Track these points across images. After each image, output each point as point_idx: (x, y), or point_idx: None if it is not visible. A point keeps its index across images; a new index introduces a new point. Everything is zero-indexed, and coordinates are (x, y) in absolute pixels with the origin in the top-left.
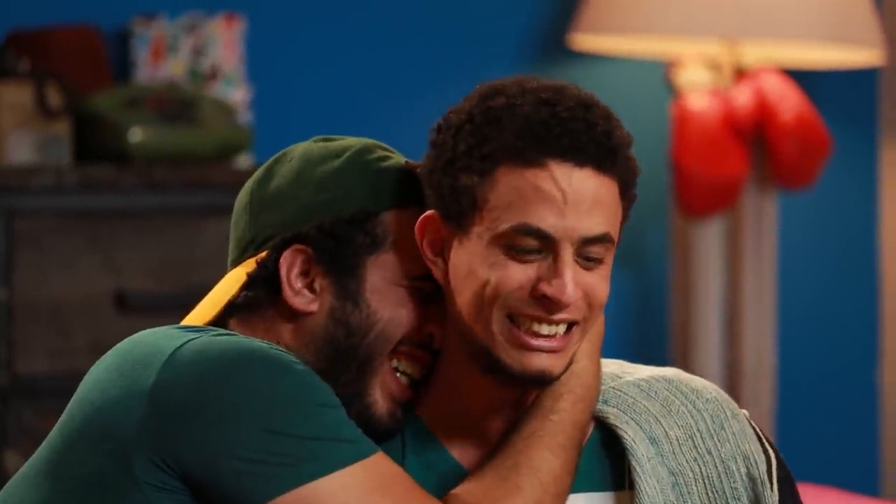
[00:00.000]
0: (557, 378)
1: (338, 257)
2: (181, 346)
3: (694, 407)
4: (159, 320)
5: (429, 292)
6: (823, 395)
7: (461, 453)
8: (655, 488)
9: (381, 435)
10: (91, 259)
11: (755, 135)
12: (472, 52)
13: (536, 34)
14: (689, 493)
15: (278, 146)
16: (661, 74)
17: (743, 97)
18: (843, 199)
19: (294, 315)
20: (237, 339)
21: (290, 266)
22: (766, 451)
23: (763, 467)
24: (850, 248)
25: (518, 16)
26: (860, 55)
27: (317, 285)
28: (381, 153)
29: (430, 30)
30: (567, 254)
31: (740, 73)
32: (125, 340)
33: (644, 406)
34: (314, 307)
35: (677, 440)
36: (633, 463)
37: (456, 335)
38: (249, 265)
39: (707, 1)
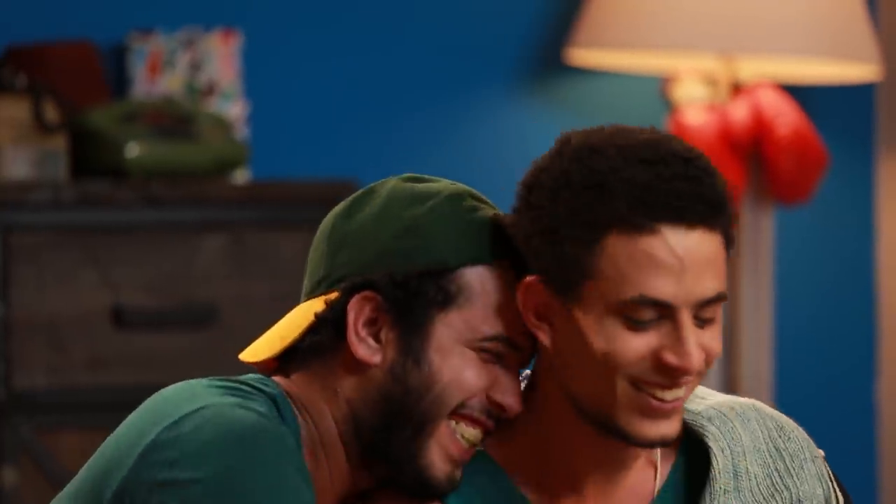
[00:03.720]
0: (667, 440)
1: (406, 310)
2: (193, 412)
3: (776, 445)
4: (156, 336)
5: (501, 354)
6: (821, 410)
7: (540, 499)
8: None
9: (437, 496)
10: (88, 274)
11: (752, 150)
12: (469, 66)
13: (533, 48)
14: None
15: (275, 161)
16: (657, 89)
17: (739, 112)
18: (840, 215)
19: (357, 365)
20: (250, 420)
21: (358, 313)
22: (838, 497)
23: None
24: (847, 264)
25: (515, 30)
26: (857, 70)
27: (383, 336)
28: (469, 203)
29: (428, 44)
30: (687, 319)
31: (737, 88)
32: (158, 392)
33: (739, 434)
34: (377, 359)
35: (756, 478)
36: (709, 494)
37: (562, 395)
38: (319, 304)
39: (703, 16)
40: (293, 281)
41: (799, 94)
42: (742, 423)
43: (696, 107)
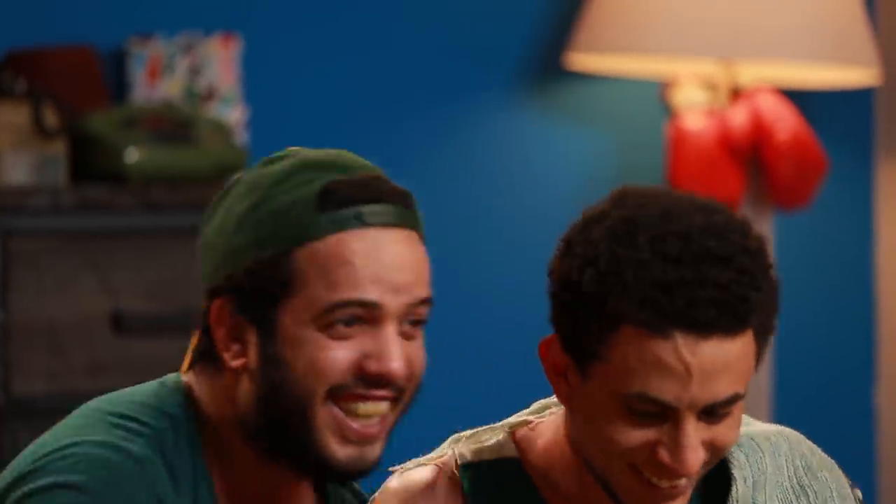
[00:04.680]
0: None
1: (254, 309)
2: (66, 445)
3: (801, 483)
4: (156, 341)
5: (358, 318)
6: (820, 414)
7: None
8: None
9: (346, 478)
10: (88, 279)
11: (751, 155)
12: (469, 69)
13: (533, 53)
14: None
15: None
16: (657, 94)
17: (739, 117)
18: (840, 219)
19: (233, 370)
20: (103, 456)
21: (218, 321)
22: None
23: None
24: (846, 268)
25: (514, 34)
26: (856, 75)
27: (246, 338)
28: (304, 177)
29: (428, 48)
30: (688, 422)
31: (736, 93)
32: (71, 414)
33: (766, 466)
34: (243, 362)
35: None
36: None
37: (580, 440)
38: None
39: (703, 21)
40: None
41: (798, 98)
42: (772, 456)
43: (695, 111)
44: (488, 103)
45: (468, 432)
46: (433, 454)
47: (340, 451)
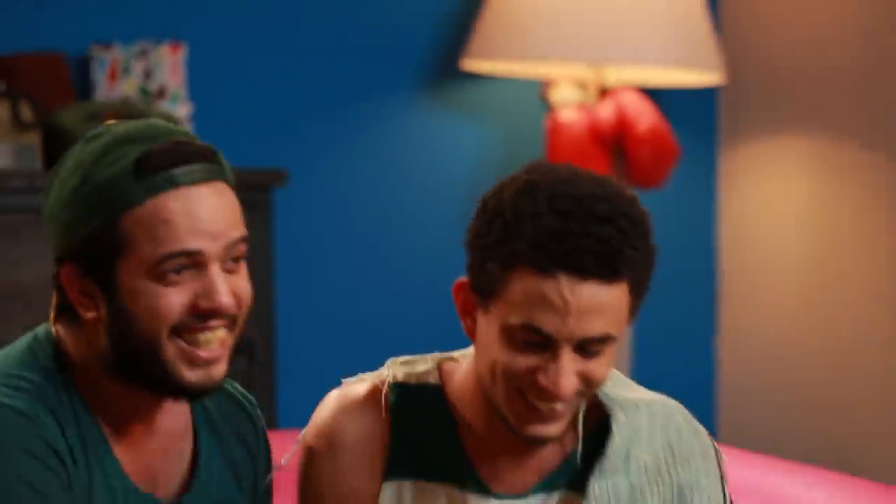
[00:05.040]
0: (555, 439)
1: (95, 270)
2: None
3: (669, 442)
4: None
5: (186, 266)
6: (670, 360)
7: (474, 451)
8: (608, 493)
9: (200, 396)
10: None
11: (615, 143)
12: (378, 71)
13: (433, 58)
14: (644, 501)
15: None
16: (537, 93)
17: (605, 112)
18: (689, 198)
19: (89, 322)
20: None
21: (69, 283)
22: (724, 493)
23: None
24: (694, 238)
25: (417, 41)
26: (703, 77)
27: (94, 295)
28: (120, 151)
29: (343, 53)
30: (565, 352)
31: (603, 92)
32: None
33: (641, 426)
34: (93, 315)
35: (645, 464)
36: (599, 467)
37: (480, 370)
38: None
39: (575, 31)
40: None
41: (655, 96)
42: (649, 418)
43: (569, 107)
44: (394, 101)
45: (404, 357)
46: (374, 373)
47: (191, 375)
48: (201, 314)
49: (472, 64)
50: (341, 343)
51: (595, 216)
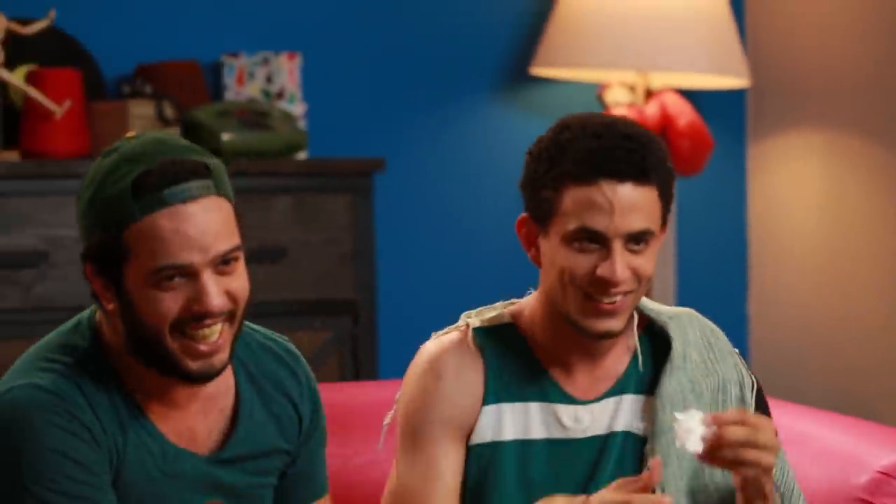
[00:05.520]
0: (618, 334)
1: (108, 272)
2: (2, 394)
3: (708, 341)
4: (248, 266)
5: (180, 275)
6: (710, 317)
7: (549, 363)
8: (676, 388)
9: (204, 382)
10: None
11: (660, 136)
12: (462, 76)
13: (508, 65)
14: (701, 395)
15: (325, 145)
16: (594, 94)
17: (651, 110)
18: (722, 183)
19: (112, 313)
20: (30, 395)
21: (92, 279)
22: (751, 377)
23: (748, 389)
24: (727, 217)
25: (494, 51)
26: (732, 80)
27: (109, 290)
28: (122, 171)
29: (432, 61)
30: (616, 246)
31: (649, 94)
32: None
33: (686, 330)
34: (112, 307)
35: (695, 362)
36: (668, 368)
37: (550, 292)
38: None
39: (626, 43)
40: (338, 230)
41: (692, 97)
42: (690, 326)
43: (621, 106)
44: (475, 100)
45: (475, 310)
46: (453, 326)
47: (193, 365)
48: (195, 316)
49: (539, 70)
50: (432, 304)
51: (622, 133)
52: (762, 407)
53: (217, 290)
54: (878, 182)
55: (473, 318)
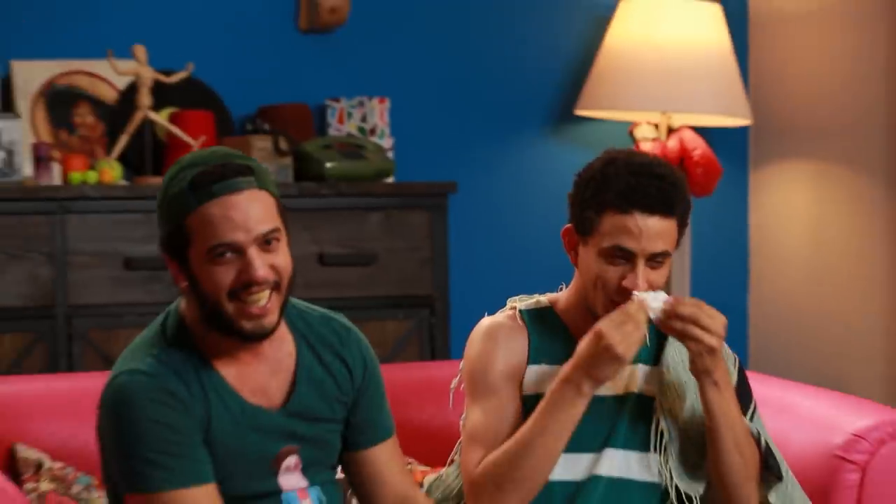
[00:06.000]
0: None
1: (177, 255)
2: (111, 380)
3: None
4: (343, 269)
5: (231, 251)
6: (724, 312)
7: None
8: (675, 357)
9: (258, 340)
10: (304, 235)
11: (679, 165)
12: (519, 116)
13: (557, 106)
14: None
15: (409, 172)
16: (626, 131)
17: (672, 143)
18: (728, 203)
19: (185, 290)
20: (130, 379)
21: (169, 263)
22: (732, 353)
23: (730, 361)
24: (732, 231)
25: (546, 95)
26: (737, 120)
27: (181, 271)
28: (182, 175)
29: (494, 103)
30: (640, 263)
31: (671, 130)
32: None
33: None
34: (184, 285)
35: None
36: (669, 342)
37: (582, 290)
38: None
39: (652, 90)
40: (419, 239)
41: (705, 133)
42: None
43: (647, 140)
44: (530, 134)
45: (518, 297)
46: (502, 310)
47: (247, 325)
48: (246, 283)
49: (582, 111)
50: (493, 298)
51: (656, 174)
52: (742, 377)
53: (261, 263)
54: (857, 204)
55: (518, 302)
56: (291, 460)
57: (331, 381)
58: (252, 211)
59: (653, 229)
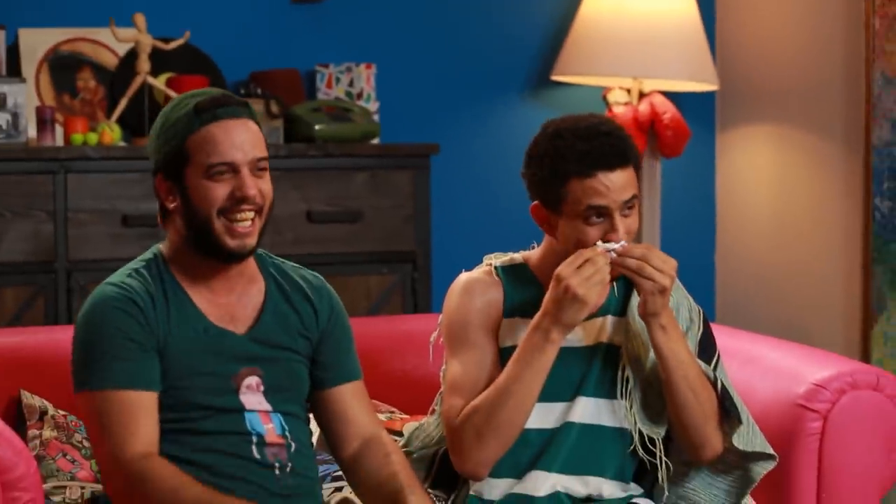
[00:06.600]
0: (613, 277)
1: (174, 175)
2: (99, 285)
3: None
4: (329, 226)
5: (227, 171)
6: (684, 270)
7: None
8: (632, 313)
9: (240, 259)
10: (294, 194)
11: (649, 128)
12: (497, 81)
13: (534, 72)
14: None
15: (393, 134)
16: (600, 96)
17: (643, 107)
18: (697, 164)
19: (174, 212)
20: (104, 289)
21: (160, 184)
22: (696, 305)
23: (695, 312)
24: (700, 191)
25: (523, 61)
26: (705, 85)
27: (174, 191)
28: (185, 101)
29: (474, 69)
30: (616, 215)
31: (642, 95)
32: None
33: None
34: (175, 204)
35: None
36: (634, 293)
37: (560, 252)
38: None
39: (625, 56)
40: (402, 198)
41: (675, 98)
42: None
43: (620, 105)
44: (508, 99)
45: (494, 254)
46: (478, 266)
47: (232, 243)
48: (237, 200)
49: (558, 76)
50: (473, 255)
51: (603, 132)
52: (707, 329)
53: (252, 184)
54: (815, 164)
55: (494, 259)
56: (252, 380)
57: (295, 317)
58: (249, 137)
59: (617, 182)
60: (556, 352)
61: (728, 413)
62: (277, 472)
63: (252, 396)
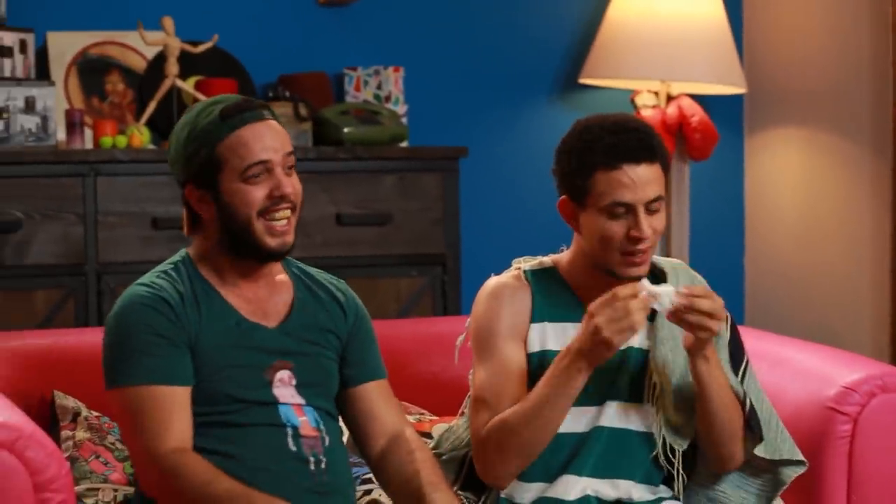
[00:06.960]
0: (640, 276)
1: (208, 184)
2: (131, 286)
3: (692, 281)
4: (359, 228)
5: (263, 171)
6: (718, 269)
7: (585, 298)
8: (661, 320)
9: (279, 257)
10: (323, 197)
11: (677, 131)
12: (527, 84)
13: (562, 75)
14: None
15: (422, 136)
16: (628, 98)
17: (671, 110)
18: (725, 166)
19: (207, 219)
20: (130, 294)
21: (191, 196)
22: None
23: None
24: (729, 193)
25: (552, 64)
26: (733, 88)
27: (207, 199)
28: (209, 109)
29: (504, 73)
30: (640, 212)
31: (670, 98)
32: None
33: (678, 276)
34: (211, 213)
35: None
36: (658, 307)
37: (587, 252)
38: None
39: (653, 60)
40: (432, 200)
41: (703, 101)
42: (679, 270)
43: (648, 107)
44: (537, 102)
45: (523, 258)
46: (507, 270)
47: (272, 242)
48: (275, 199)
49: (586, 79)
50: (501, 257)
51: (631, 128)
52: (735, 334)
53: (287, 181)
54: (844, 166)
55: (522, 263)
56: (284, 374)
57: (325, 314)
58: (277, 135)
59: (643, 177)
60: (585, 380)
61: (752, 430)
62: (312, 466)
63: (285, 390)
